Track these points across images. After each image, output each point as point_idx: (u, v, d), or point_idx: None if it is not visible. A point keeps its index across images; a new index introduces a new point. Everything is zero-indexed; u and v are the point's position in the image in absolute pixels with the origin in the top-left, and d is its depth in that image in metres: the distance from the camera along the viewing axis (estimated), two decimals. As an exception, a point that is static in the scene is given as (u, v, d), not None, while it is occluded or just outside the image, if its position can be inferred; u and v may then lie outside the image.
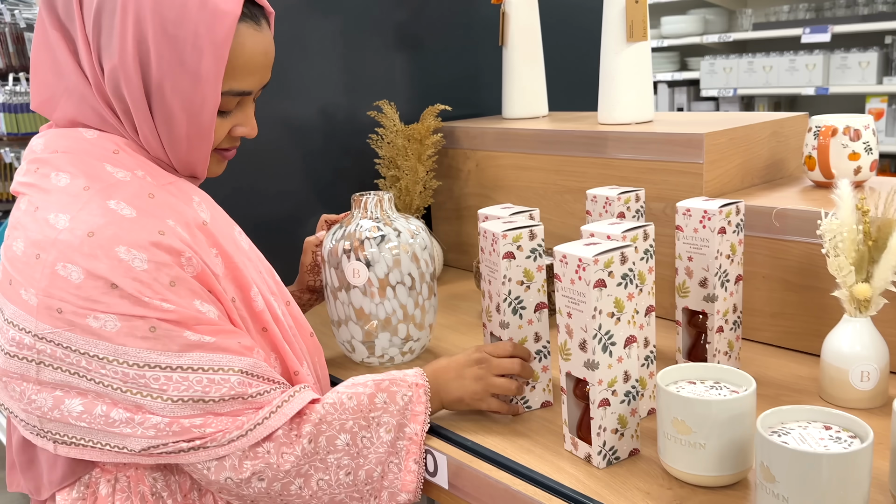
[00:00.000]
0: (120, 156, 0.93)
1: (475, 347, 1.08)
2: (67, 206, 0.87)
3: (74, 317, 0.84)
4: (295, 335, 1.03)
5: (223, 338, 0.90)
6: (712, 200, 1.13)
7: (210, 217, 0.96)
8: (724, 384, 0.92)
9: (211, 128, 0.93)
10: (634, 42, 1.50)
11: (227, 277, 0.94)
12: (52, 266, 0.85)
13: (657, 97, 5.29)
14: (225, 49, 0.89)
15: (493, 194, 1.73)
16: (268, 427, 0.90)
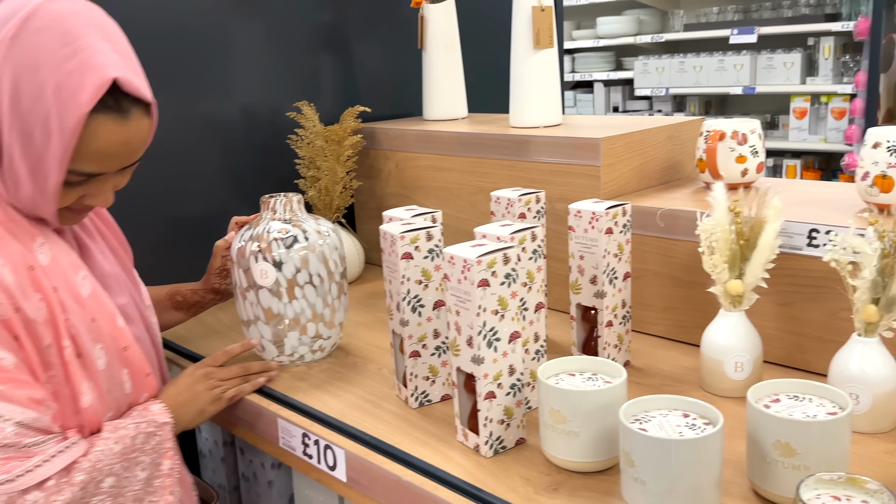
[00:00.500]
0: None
1: (195, 366, 1.20)
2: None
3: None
4: (116, 387, 1.04)
5: (12, 388, 0.92)
6: (602, 202, 1.19)
7: (49, 260, 0.98)
8: (600, 376, 0.98)
9: (55, 196, 0.95)
10: (541, 49, 1.56)
11: (48, 323, 0.96)
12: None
13: (594, 96, 5.41)
14: (73, 138, 0.90)
15: (412, 194, 1.77)
16: (38, 475, 0.93)
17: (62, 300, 0.98)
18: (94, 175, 0.96)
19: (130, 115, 0.94)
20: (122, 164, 0.98)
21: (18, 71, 0.88)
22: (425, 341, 1.14)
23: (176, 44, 1.65)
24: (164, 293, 1.40)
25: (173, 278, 1.69)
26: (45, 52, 0.88)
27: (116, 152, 0.95)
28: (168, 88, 1.65)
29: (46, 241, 0.99)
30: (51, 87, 0.88)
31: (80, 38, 0.90)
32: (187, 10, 1.66)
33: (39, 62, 0.88)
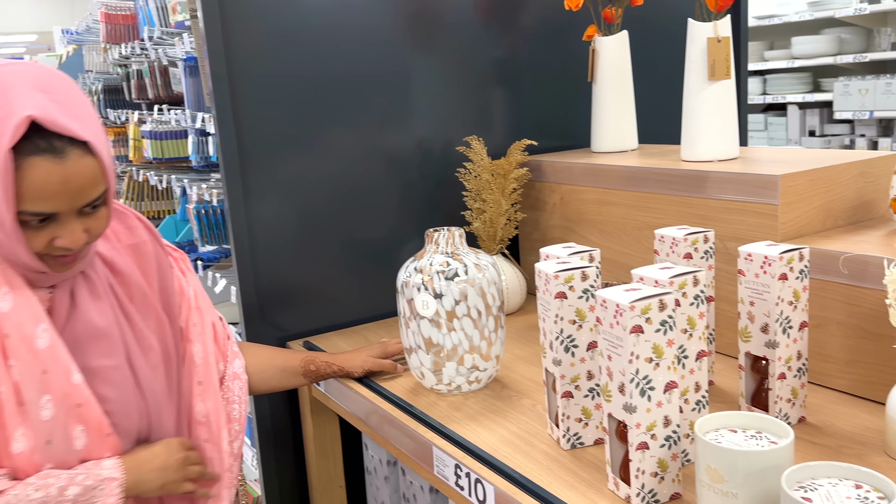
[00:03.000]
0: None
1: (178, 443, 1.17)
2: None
3: None
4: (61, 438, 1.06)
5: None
6: (776, 246, 1.12)
7: (9, 308, 1.03)
8: (764, 434, 0.91)
9: (20, 239, 1.00)
10: (717, 80, 1.49)
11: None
12: None
13: (787, 119, 5.08)
14: (7, 178, 0.95)
15: (575, 227, 1.75)
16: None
17: (10, 347, 1.02)
18: (46, 215, 0.99)
19: (66, 154, 0.98)
20: (73, 203, 1.00)
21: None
22: (578, 382, 1.12)
23: (362, 83, 1.76)
24: (299, 360, 1.43)
25: (345, 300, 1.79)
26: None
27: (58, 191, 0.98)
28: (355, 124, 1.77)
29: (11, 291, 1.04)
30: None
31: (11, 90, 0.97)
32: (373, 51, 1.76)
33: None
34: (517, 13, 1.93)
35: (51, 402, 1.04)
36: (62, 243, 1.02)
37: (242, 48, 1.62)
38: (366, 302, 1.82)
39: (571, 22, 1.90)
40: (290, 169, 1.71)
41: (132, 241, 1.21)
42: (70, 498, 1.04)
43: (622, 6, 1.77)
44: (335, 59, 1.72)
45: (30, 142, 0.95)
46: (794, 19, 4.87)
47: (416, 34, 1.82)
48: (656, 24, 2.05)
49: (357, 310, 1.81)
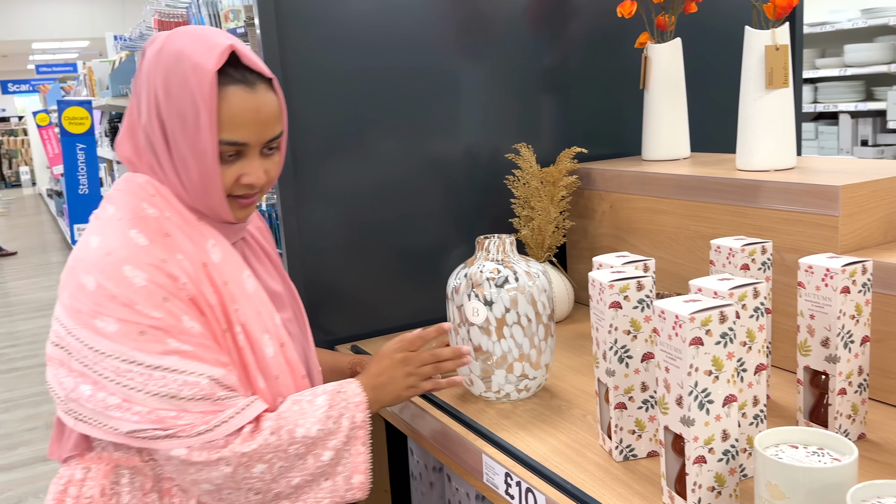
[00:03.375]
0: (156, 198, 1.12)
1: (392, 348, 1.24)
2: (101, 231, 1.09)
3: (88, 317, 1.03)
4: (282, 374, 1.15)
5: (201, 350, 1.05)
6: (838, 258, 1.09)
7: (220, 259, 1.13)
8: (826, 451, 0.89)
9: (216, 172, 1.09)
10: (774, 89, 1.47)
11: (220, 311, 1.10)
12: (78, 276, 1.05)
13: (839, 128, 4.97)
14: (212, 103, 1.05)
15: (625, 236, 1.74)
16: (232, 425, 1.05)
17: (232, 292, 1.11)
18: (239, 145, 1.09)
19: (256, 86, 1.09)
20: (261, 135, 1.10)
21: (166, 67, 1.07)
22: (632, 393, 1.11)
23: (411, 89, 1.77)
24: (347, 362, 1.48)
25: (393, 305, 1.80)
26: (184, 49, 1.08)
27: (251, 120, 1.08)
28: (402, 130, 1.78)
29: (217, 244, 1.14)
30: (189, 69, 1.06)
31: (208, 32, 1.10)
32: (423, 57, 1.77)
33: (181, 56, 1.07)
34: (568, 20, 1.92)
35: (270, 339, 1.14)
36: (248, 180, 1.11)
37: (295, 55, 1.64)
38: (413, 307, 1.82)
39: (623, 29, 1.89)
40: (339, 175, 1.72)
41: (260, 224, 1.34)
42: (321, 406, 1.11)
43: (676, 13, 1.75)
44: (386, 66, 1.73)
45: (226, 74, 1.07)
46: (846, 27, 4.77)
47: (466, 41, 1.82)
48: (710, 31, 2.02)
49: (404, 315, 1.82)
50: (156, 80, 1.08)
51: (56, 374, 1.08)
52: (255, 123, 1.09)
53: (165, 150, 1.11)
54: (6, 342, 5.74)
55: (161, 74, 1.08)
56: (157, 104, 1.09)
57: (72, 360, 1.05)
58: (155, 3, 3.42)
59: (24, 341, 5.71)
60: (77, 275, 1.06)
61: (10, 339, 5.82)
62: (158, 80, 1.08)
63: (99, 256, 1.05)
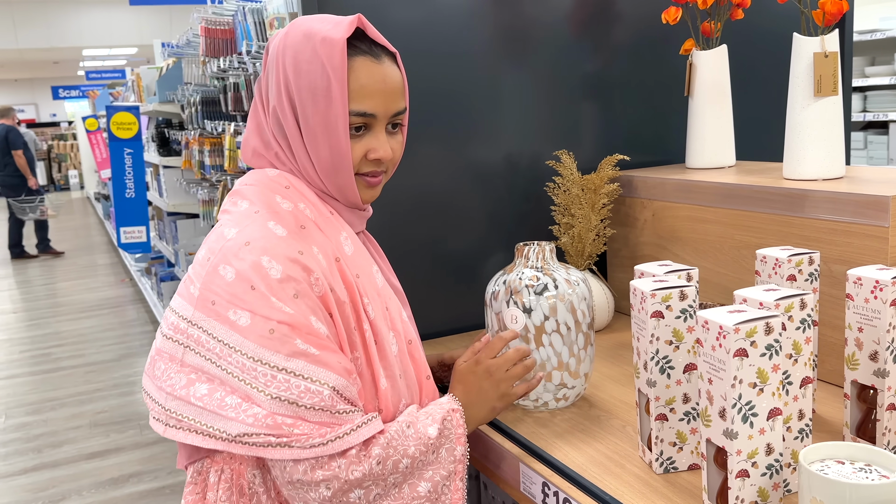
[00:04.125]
0: (290, 191, 1.11)
1: (472, 360, 1.19)
2: (238, 223, 1.07)
3: (221, 308, 1.00)
4: (405, 371, 1.11)
5: (327, 354, 1.00)
6: (888, 270, 1.06)
7: (352, 252, 1.11)
8: (874, 467, 0.87)
9: (347, 145, 1.08)
10: (823, 97, 1.44)
11: (351, 307, 1.06)
12: (215, 266, 1.02)
13: (889, 137, 4.85)
14: (342, 72, 1.05)
15: (668, 245, 1.72)
16: (346, 442, 0.99)
17: (363, 287, 1.09)
18: (369, 115, 1.08)
19: (381, 58, 1.09)
20: (388, 107, 1.10)
21: (295, 47, 1.08)
22: (673, 405, 1.09)
23: (453, 96, 1.77)
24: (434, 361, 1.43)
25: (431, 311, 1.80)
26: (311, 27, 1.08)
27: (379, 90, 1.08)
28: (443, 136, 1.78)
29: (349, 237, 1.12)
30: (318, 42, 1.06)
31: (333, 16, 1.11)
32: (464, 64, 1.77)
33: (310, 34, 1.07)
34: (611, 26, 1.91)
35: (394, 337, 1.11)
36: (376, 154, 1.10)
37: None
38: (451, 314, 1.82)
39: (668, 36, 1.87)
40: (381, 180, 1.73)
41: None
42: (434, 433, 1.06)
43: (721, 20, 1.73)
44: (425, 71, 1.74)
45: (353, 46, 1.07)
46: (898, 33, 4.66)
47: (508, 47, 1.82)
48: (757, 37, 1.99)
49: (442, 321, 1.82)
50: (285, 61, 1.08)
51: (165, 371, 1.03)
52: (381, 94, 1.08)
53: (296, 129, 1.10)
54: (52, 342, 5.89)
55: (290, 54, 1.08)
56: (287, 83, 1.08)
57: (188, 354, 1.02)
58: (202, 11, 3.49)
59: (69, 341, 5.85)
60: (215, 265, 1.03)
61: (56, 338, 5.97)
62: (288, 60, 1.08)
63: (239, 246, 1.02)
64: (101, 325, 6.24)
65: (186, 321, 1.02)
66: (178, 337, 1.03)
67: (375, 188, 1.15)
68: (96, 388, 4.73)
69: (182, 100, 4.54)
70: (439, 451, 1.06)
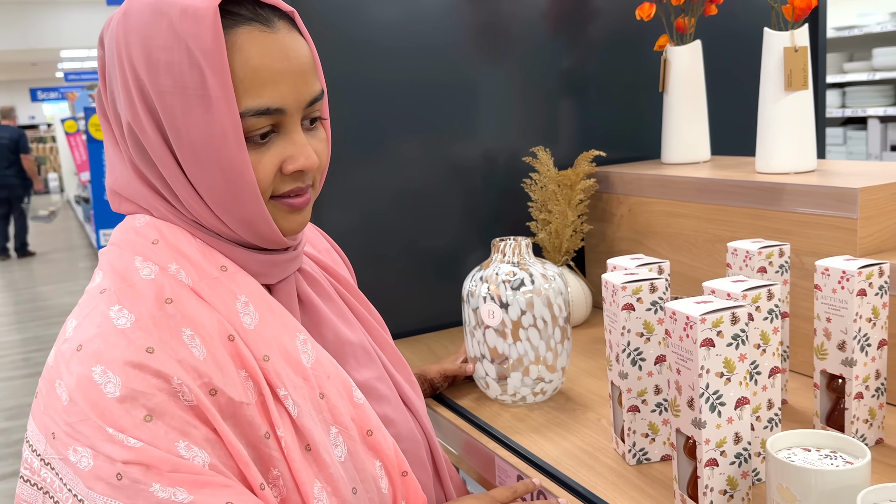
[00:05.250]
0: (158, 246, 0.81)
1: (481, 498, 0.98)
2: (80, 312, 0.78)
3: (61, 445, 0.72)
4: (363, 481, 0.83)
5: (205, 495, 0.70)
6: (855, 260, 1.08)
7: (256, 323, 0.80)
8: (840, 454, 0.88)
9: (245, 163, 0.77)
10: (793, 91, 1.46)
11: (259, 407, 0.77)
12: (51, 381, 0.74)
13: (867, 133, 4.90)
14: (221, 55, 0.74)
15: (644, 240, 1.73)
16: None
17: (277, 372, 0.79)
18: (274, 112, 0.78)
19: (274, 24, 0.79)
20: (298, 92, 0.79)
21: (142, 29, 0.77)
22: (645, 396, 1.10)
23: (431, 93, 1.77)
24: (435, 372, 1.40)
25: (409, 308, 1.81)
26: (157, 5, 0.77)
27: (281, 69, 0.77)
28: (421, 133, 1.78)
29: (251, 300, 0.81)
30: (176, 17, 0.75)
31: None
32: (442, 61, 1.78)
33: (157, 10, 0.77)
34: (587, 23, 1.92)
35: (339, 435, 0.81)
36: (295, 165, 0.79)
37: (315, 59, 1.66)
38: (429, 311, 1.83)
39: (642, 32, 1.88)
40: (357, 177, 1.74)
41: (325, 246, 1.06)
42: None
43: (695, 16, 1.74)
44: (404, 69, 1.74)
45: (229, 14, 0.76)
46: (875, 30, 4.71)
47: (485, 44, 1.83)
48: (730, 33, 2.01)
49: (421, 318, 1.83)
50: (130, 53, 0.77)
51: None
52: (286, 76, 0.78)
53: (165, 150, 0.78)
54: (32, 346, 5.84)
55: (137, 42, 0.76)
56: (140, 86, 0.77)
57: (47, 502, 0.74)
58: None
59: (49, 345, 5.80)
60: (51, 380, 0.74)
61: (36, 343, 5.92)
62: (135, 52, 0.76)
63: (71, 351, 0.74)
64: (82, 327, 6.19)
65: (39, 458, 0.74)
66: (35, 479, 0.75)
67: (303, 211, 0.84)
68: (78, 392, 4.68)
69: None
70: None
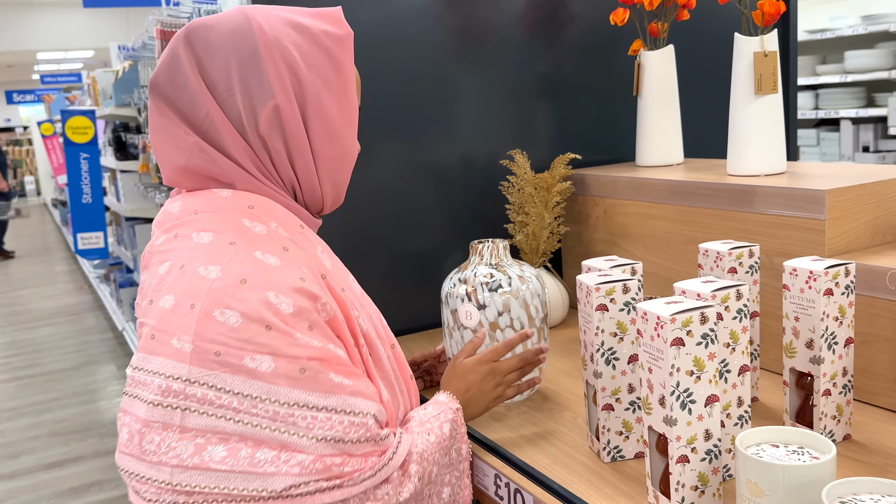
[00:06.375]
0: (255, 210, 1.00)
1: (478, 360, 1.20)
2: (217, 259, 0.93)
3: (232, 358, 0.88)
4: (397, 377, 1.08)
5: (357, 382, 0.94)
6: (821, 261, 1.11)
7: (331, 266, 1.04)
8: (807, 450, 0.91)
9: (356, 141, 1.08)
10: (763, 95, 1.49)
11: (346, 324, 0.99)
12: (208, 312, 0.89)
13: (840, 134, 4.98)
14: (351, 65, 1.05)
15: (619, 241, 1.75)
16: (390, 468, 0.95)
17: (350, 300, 1.02)
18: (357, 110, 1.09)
19: None
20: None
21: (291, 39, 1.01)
22: (619, 395, 1.13)
23: (409, 96, 1.79)
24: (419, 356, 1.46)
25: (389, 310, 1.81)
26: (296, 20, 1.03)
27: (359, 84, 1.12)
28: (399, 136, 1.80)
29: (325, 250, 1.06)
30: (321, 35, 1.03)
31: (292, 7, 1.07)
32: (420, 65, 1.79)
33: (300, 26, 1.02)
34: (562, 28, 1.94)
35: (382, 345, 1.06)
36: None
37: (293, 63, 1.66)
38: (409, 312, 1.84)
39: (617, 36, 1.91)
40: (336, 181, 1.74)
41: None
42: (447, 434, 1.07)
43: (668, 21, 1.77)
44: (383, 73, 1.76)
45: None
46: (847, 33, 4.79)
47: (463, 48, 1.84)
48: (702, 38, 2.04)
49: (400, 320, 1.83)
50: (284, 55, 0.99)
51: (161, 443, 0.88)
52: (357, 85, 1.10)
53: (301, 127, 1.01)
54: (9, 351, 5.77)
55: (290, 48, 0.99)
56: (291, 78, 0.99)
57: (189, 418, 0.88)
58: (157, 14, 3.46)
59: (26, 350, 5.74)
60: (206, 311, 0.89)
61: (12, 348, 5.85)
62: (290, 52, 0.99)
63: (233, 285, 0.90)
64: (59, 333, 6.14)
65: (182, 381, 0.88)
66: (172, 401, 0.89)
67: None
68: (55, 398, 4.65)
69: (139, 103, 4.49)
70: (450, 452, 1.07)
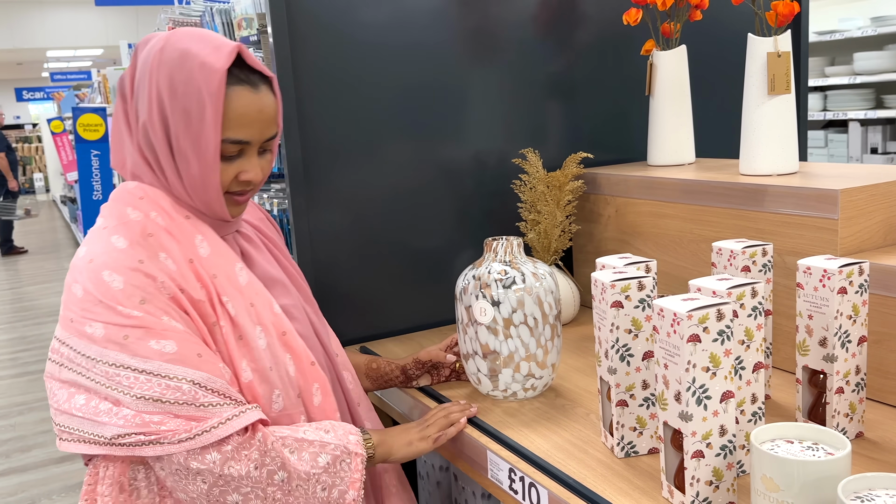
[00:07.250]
0: (143, 200, 1.14)
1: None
2: (88, 241, 1.13)
3: (78, 324, 1.06)
4: (276, 365, 1.15)
5: (184, 351, 1.06)
6: (835, 259, 1.12)
7: (209, 253, 1.14)
8: (821, 446, 0.92)
9: (216, 169, 1.11)
10: (776, 95, 1.49)
11: (209, 305, 1.12)
12: (69, 285, 1.09)
13: (849, 136, 4.97)
14: (219, 101, 1.08)
15: (630, 240, 1.76)
16: (214, 435, 1.04)
17: (220, 286, 1.13)
18: (244, 143, 1.12)
19: (259, 87, 1.13)
20: (262, 134, 1.14)
21: (171, 65, 1.09)
22: (633, 391, 1.14)
23: (421, 95, 1.81)
24: (364, 360, 1.49)
25: (401, 307, 1.83)
26: (190, 48, 1.10)
27: (254, 119, 1.12)
28: (412, 135, 1.81)
29: (206, 239, 1.16)
30: (196, 66, 1.09)
31: (210, 35, 1.13)
32: (432, 64, 1.80)
33: (187, 55, 1.09)
34: (575, 28, 1.96)
35: (263, 332, 1.15)
36: (247, 177, 1.15)
37: (307, 63, 1.68)
38: (421, 309, 1.86)
39: (629, 36, 1.92)
40: (349, 179, 1.76)
41: (260, 214, 1.37)
42: (321, 466, 1.11)
43: (681, 21, 1.78)
44: (396, 72, 1.77)
45: (231, 74, 1.10)
46: (856, 35, 4.78)
47: (475, 47, 1.86)
48: (715, 38, 2.05)
49: (412, 317, 1.85)
50: (159, 79, 1.10)
51: (50, 389, 1.10)
52: (258, 123, 1.12)
53: (166, 147, 1.12)
54: (20, 346, 5.81)
55: (165, 73, 1.10)
56: (161, 102, 1.10)
57: (63, 371, 1.07)
58: (169, 12, 3.48)
59: (37, 345, 5.78)
60: (69, 285, 1.10)
61: (23, 343, 5.89)
62: (163, 79, 1.10)
63: (84, 264, 1.09)
64: (69, 328, 6.16)
65: (59, 341, 1.09)
66: (55, 357, 1.09)
67: (242, 205, 1.20)
68: (65, 392, 4.67)
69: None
70: (331, 490, 1.11)
